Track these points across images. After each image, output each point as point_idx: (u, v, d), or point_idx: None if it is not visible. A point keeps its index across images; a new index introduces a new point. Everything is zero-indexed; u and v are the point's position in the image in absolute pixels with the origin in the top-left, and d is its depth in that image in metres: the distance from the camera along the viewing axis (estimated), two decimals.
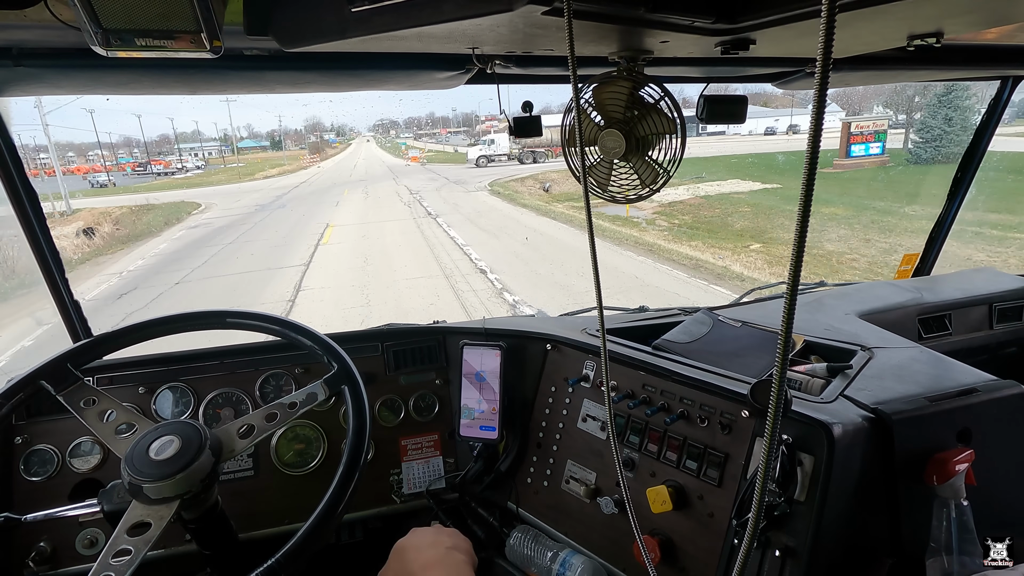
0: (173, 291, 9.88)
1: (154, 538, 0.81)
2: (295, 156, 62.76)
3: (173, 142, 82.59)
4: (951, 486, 0.88)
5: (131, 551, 0.79)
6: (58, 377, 0.99)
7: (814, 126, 0.40)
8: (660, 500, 1.02)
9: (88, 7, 0.66)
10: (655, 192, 1.04)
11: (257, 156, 67.49)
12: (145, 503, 0.84)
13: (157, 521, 0.83)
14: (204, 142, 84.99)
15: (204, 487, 0.87)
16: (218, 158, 67.97)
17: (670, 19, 0.78)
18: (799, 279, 0.44)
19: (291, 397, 0.96)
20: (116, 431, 0.95)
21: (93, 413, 0.96)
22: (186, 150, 73.26)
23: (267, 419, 0.94)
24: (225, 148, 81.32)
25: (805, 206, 0.42)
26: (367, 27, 0.73)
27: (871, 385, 1.04)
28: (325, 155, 64.91)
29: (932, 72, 1.56)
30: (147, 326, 1.11)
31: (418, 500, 1.42)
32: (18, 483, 1.23)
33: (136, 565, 0.78)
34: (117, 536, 0.81)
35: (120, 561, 0.77)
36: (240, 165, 51.82)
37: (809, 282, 1.93)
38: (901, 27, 0.91)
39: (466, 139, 67.49)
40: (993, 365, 1.21)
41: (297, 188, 28.67)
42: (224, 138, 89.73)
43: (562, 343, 1.34)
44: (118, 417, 0.96)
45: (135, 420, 0.96)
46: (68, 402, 0.96)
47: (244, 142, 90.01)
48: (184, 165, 44.39)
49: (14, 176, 1.24)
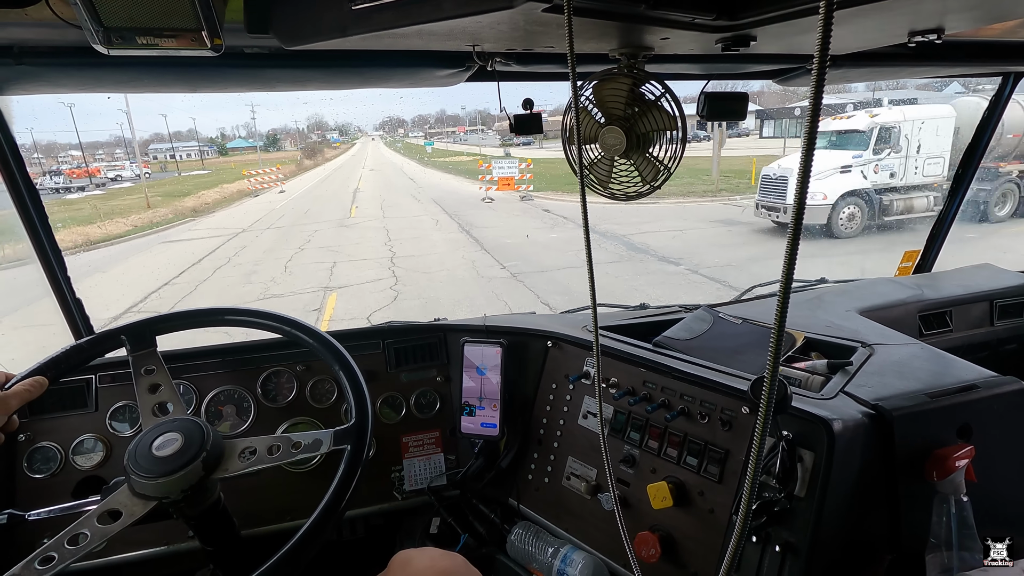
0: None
1: (114, 532, 0.80)
2: (263, 162, 44.56)
3: (141, 142, 69.03)
4: (951, 482, 0.88)
5: (87, 536, 0.78)
6: (138, 338, 1.04)
7: (810, 121, 0.40)
8: (661, 496, 1.02)
9: (89, 5, 0.66)
10: (656, 189, 1.04)
11: (246, 158, 57.28)
12: (130, 492, 0.85)
13: (128, 515, 0.82)
14: (184, 142, 76.70)
15: (186, 496, 0.86)
16: (196, 161, 58.87)
17: (671, 16, 0.78)
18: (793, 274, 0.44)
19: (298, 436, 0.94)
20: (153, 409, 0.98)
21: (146, 383, 1.00)
22: (162, 151, 62.63)
23: (269, 451, 0.93)
24: (210, 149, 71.48)
25: (799, 202, 0.42)
26: (367, 24, 0.74)
27: (871, 381, 1.04)
28: (320, 158, 50.51)
29: (933, 68, 1.56)
30: (214, 313, 1.14)
31: (419, 497, 1.42)
32: (21, 480, 1.24)
33: (83, 554, 0.77)
34: (87, 519, 0.81)
35: (72, 547, 0.77)
36: (204, 173, 39.16)
37: (809, 279, 1.93)
38: (902, 23, 0.91)
39: (493, 138, 50.85)
40: (994, 361, 1.21)
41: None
42: (220, 137, 79.73)
43: (563, 340, 1.34)
44: (162, 394, 0.99)
45: (174, 403, 0.99)
46: (134, 364, 1.02)
47: (235, 142, 79.76)
48: (120, 175, 31.94)
49: (15, 174, 1.24)
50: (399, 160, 42.91)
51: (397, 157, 47.30)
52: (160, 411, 0.98)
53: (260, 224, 14.86)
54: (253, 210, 17.89)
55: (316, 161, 48.15)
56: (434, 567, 0.63)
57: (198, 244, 12.59)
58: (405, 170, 31.85)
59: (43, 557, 0.76)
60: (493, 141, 48.94)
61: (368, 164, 41.19)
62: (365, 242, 11.43)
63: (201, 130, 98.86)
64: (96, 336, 1.05)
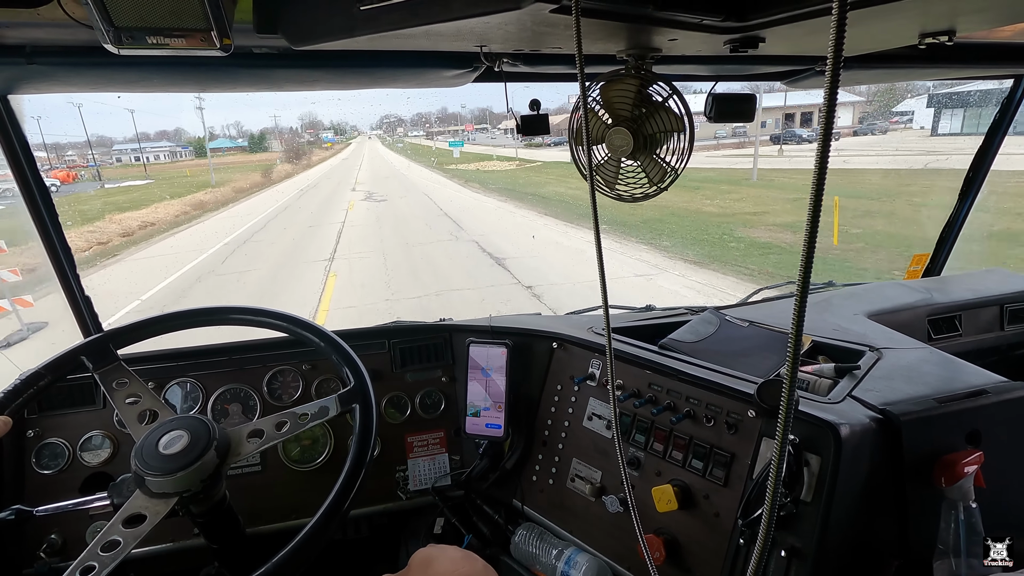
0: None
1: (145, 533, 0.81)
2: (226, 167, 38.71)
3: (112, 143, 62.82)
4: (960, 488, 0.87)
5: (120, 543, 0.79)
6: (98, 355, 1.02)
7: (824, 125, 0.40)
8: (665, 499, 1.02)
9: (100, 5, 0.67)
10: (663, 191, 1.03)
11: (227, 160, 49.73)
12: (147, 495, 0.85)
13: (152, 516, 0.83)
14: (153, 142, 68.16)
15: (205, 487, 0.87)
16: (167, 163, 51.21)
17: (679, 17, 0.77)
18: (809, 278, 0.43)
19: (303, 408, 0.96)
20: (138, 417, 0.97)
21: (122, 396, 0.99)
22: (127, 151, 55.57)
23: (277, 427, 0.94)
24: (184, 150, 63.96)
25: (816, 205, 0.42)
26: (375, 25, 0.74)
27: (879, 386, 1.03)
28: (305, 162, 40.54)
29: (944, 71, 1.54)
30: (189, 315, 1.13)
31: (424, 497, 1.42)
32: (30, 476, 1.25)
33: (121, 559, 0.78)
34: (112, 526, 0.81)
35: (108, 554, 0.78)
36: (139, 184, 29.24)
37: (818, 282, 1.92)
38: (913, 25, 0.90)
39: (503, 138, 42.57)
40: (1003, 367, 1.20)
41: None
42: (208, 136, 69.93)
43: (568, 342, 1.33)
44: (143, 403, 0.98)
45: (159, 408, 0.98)
46: (102, 381, 1.00)
47: (217, 142, 71.56)
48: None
49: (27, 174, 1.25)
50: (402, 163, 29.26)
51: (395, 158, 33.99)
52: (149, 418, 0.97)
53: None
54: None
55: (301, 165, 36.96)
56: (456, 572, 0.60)
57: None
58: (433, 196, 18.32)
59: (84, 567, 0.76)
60: (504, 140, 42.50)
61: (364, 162, 28.09)
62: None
63: (205, 128, 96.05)
64: (51, 362, 1.02)
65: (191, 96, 29.60)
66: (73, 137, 48.87)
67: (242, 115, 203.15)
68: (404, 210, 15.73)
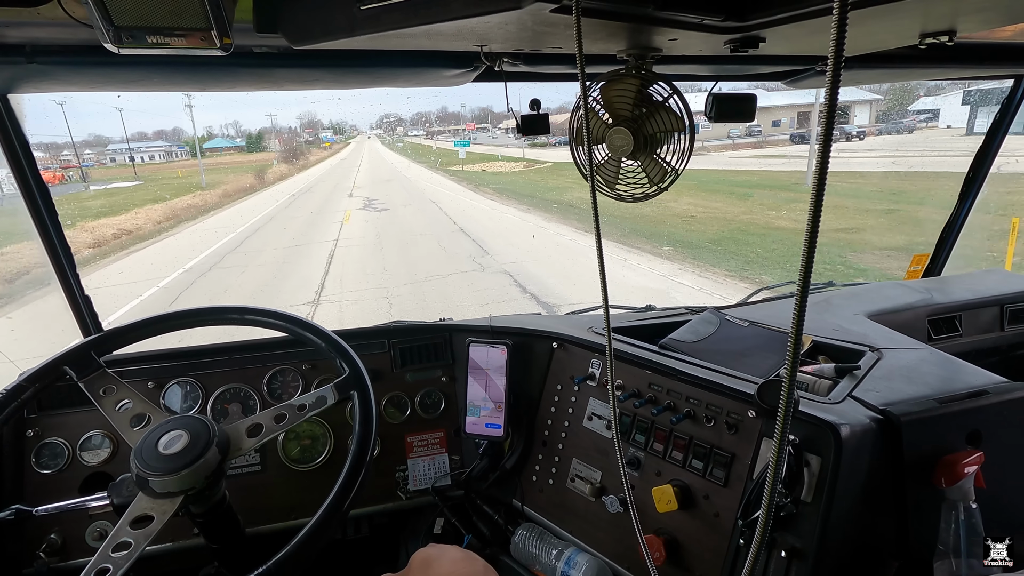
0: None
1: (155, 532, 0.82)
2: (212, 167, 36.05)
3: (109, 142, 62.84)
4: (960, 488, 0.87)
5: (131, 544, 0.80)
6: (81, 364, 1.01)
7: (825, 125, 0.40)
8: (665, 499, 1.02)
9: (100, 5, 0.67)
10: (663, 191, 1.03)
11: (223, 160, 48.00)
12: (151, 496, 0.85)
13: (160, 515, 0.83)
14: (150, 141, 66.77)
15: (209, 484, 0.88)
16: (162, 164, 50.96)
17: (679, 17, 0.77)
18: (809, 279, 0.43)
19: (300, 399, 0.96)
20: (130, 422, 0.96)
21: (111, 402, 0.98)
22: (121, 151, 55.60)
23: (276, 420, 0.94)
24: (180, 149, 62.79)
25: (816, 205, 0.42)
26: (376, 25, 0.74)
27: (879, 386, 1.03)
28: (303, 163, 39.19)
29: (945, 71, 1.54)
30: (168, 318, 1.12)
31: (423, 497, 1.42)
32: (30, 476, 1.25)
33: (135, 559, 0.78)
34: (120, 528, 0.82)
35: (120, 554, 0.78)
36: (128, 186, 28.48)
37: (818, 282, 1.92)
38: (913, 25, 0.90)
39: (510, 138, 40.26)
40: (1004, 367, 1.20)
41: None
42: (207, 136, 69.37)
43: (568, 341, 1.33)
44: (134, 407, 0.98)
45: (150, 412, 0.97)
46: (88, 390, 0.99)
47: (215, 141, 70.46)
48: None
49: (27, 173, 1.25)
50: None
51: (397, 158, 31.83)
52: (143, 422, 0.97)
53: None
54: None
55: (296, 166, 34.43)
56: (456, 572, 0.59)
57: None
58: (443, 204, 15.56)
59: (98, 569, 0.76)
60: (505, 140, 40.76)
61: (363, 162, 25.24)
62: None
63: (195, 126, 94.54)
64: (33, 373, 1.01)
65: (182, 95, 28.14)
66: (75, 136, 48.66)
67: (241, 115, 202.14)
68: (410, 222, 13.20)
